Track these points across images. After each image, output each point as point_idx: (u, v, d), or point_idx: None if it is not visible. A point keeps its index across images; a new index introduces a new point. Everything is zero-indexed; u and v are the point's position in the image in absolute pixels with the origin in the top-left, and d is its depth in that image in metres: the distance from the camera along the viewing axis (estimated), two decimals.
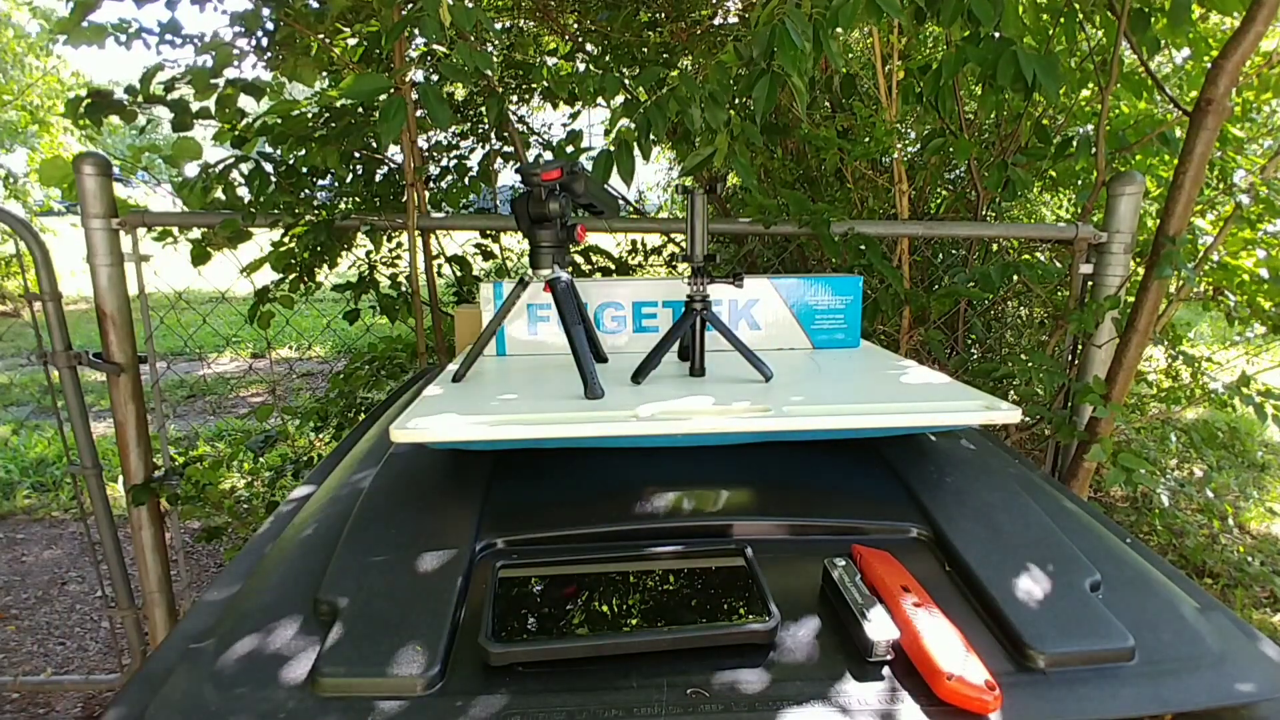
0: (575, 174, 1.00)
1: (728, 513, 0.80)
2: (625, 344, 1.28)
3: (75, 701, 2.11)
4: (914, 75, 2.02)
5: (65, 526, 3.22)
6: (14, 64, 6.84)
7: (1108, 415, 1.66)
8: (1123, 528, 0.87)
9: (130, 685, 0.60)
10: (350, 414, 2.13)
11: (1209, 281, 1.84)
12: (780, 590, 0.67)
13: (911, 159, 2.51)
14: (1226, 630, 0.66)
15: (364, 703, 0.55)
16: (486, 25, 1.47)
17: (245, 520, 2.08)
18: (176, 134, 1.79)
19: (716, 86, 1.53)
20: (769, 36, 1.40)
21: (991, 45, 1.58)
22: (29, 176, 7.12)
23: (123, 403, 1.79)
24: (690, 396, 0.95)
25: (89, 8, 1.63)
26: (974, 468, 0.93)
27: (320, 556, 0.74)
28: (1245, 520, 3.16)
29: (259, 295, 1.92)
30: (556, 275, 1.02)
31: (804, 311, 1.29)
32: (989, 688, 0.54)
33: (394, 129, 1.44)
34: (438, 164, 2.38)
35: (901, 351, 2.14)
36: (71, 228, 1.99)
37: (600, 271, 2.41)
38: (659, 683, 0.57)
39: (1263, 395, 1.67)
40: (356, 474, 0.94)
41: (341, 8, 1.80)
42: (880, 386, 1.01)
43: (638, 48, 2.60)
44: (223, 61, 1.75)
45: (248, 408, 4.77)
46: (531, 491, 0.86)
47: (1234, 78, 1.47)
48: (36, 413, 4.57)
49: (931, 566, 0.73)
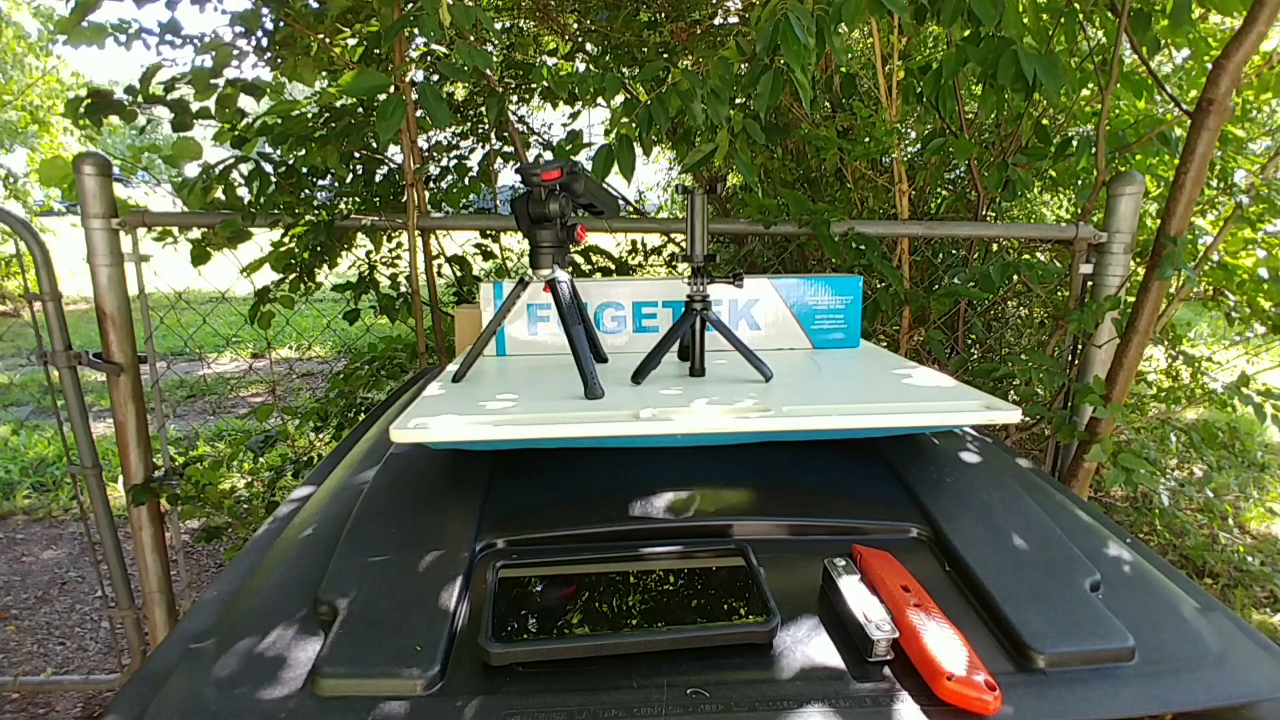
0: (575, 174, 1.00)
1: (727, 513, 0.80)
2: (625, 344, 1.28)
3: (75, 701, 2.11)
4: (914, 75, 2.01)
5: (65, 526, 3.22)
6: (14, 64, 6.84)
7: (1108, 415, 1.66)
8: (1123, 528, 0.87)
9: (130, 685, 0.60)
10: (350, 414, 2.13)
11: (1209, 281, 1.84)
12: (780, 590, 0.67)
13: (911, 159, 2.51)
14: (1226, 630, 0.66)
15: (364, 703, 0.55)
16: (486, 25, 1.47)
17: (245, 520, 2.08)
18: (176, 134, 1.79)
19: (718, 82, 1.53)
20: (772, 31, 1.39)
21: (992, 45, 1.58)
22: (29, 176, 7.12)
23: (123, 403, 1.79)
24: (690, 397, 0.95)
25: (89, 8, 1.63)
26: (974, 468, 0.93)
27: (320, 556, 0.74)
28: (1245, 520, 3.16)
29: (259, 295, 1.92)
30: (556, 275, 1.02)
31: (804, 311, 1.29)
32: (989, 688, 0.54)
33: (392, 127, 1.44)
34: (438, 164, 2.38)
35: (901, 351, 2.14)
36: (71, 228, 1.99)
37: (600, 271, 2.41)
38: (659, 683, 0.57)
39: (1263, 395, 1.67)
40: (356, 474, 0.94)
41: (341, 8, 1.80)
42: (880, 386, 1.01)
43: (638, 48, 2.60)
44: (223, 61, 1.75)
45: (248, 408, 4.76)
46: (531, 491, 0.86)
47: (1235, 78, 1.47)
48: (36, 413, 4.57)
49: (931, 566, 0.73)
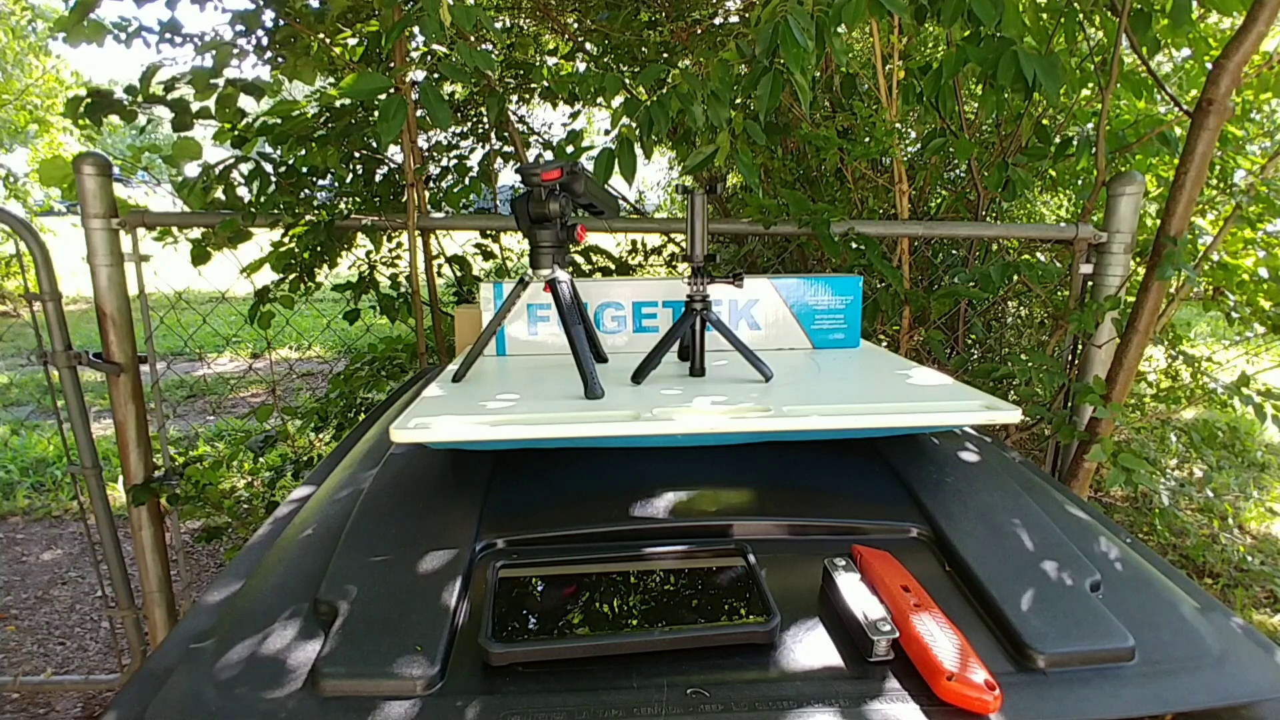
0: (575, 174, 1.00)
1: (728, 513, 0.80)
2: (625, 344, 1.28)
3: (75, 701, 2.11)
4: (914, 75, 2.01)
5: (65, 526, 3.22)
6: (14, 63, 6.84)
7: (1108, 415, 1.66)
8: (1123, 528, 0.87)
9: (130, 685, 0.60)
10: (350, 414, 2.13)
11: (1209, 281, 1.84)
12: (780, 590, 0.67)
13: (911, 159, 2.50)
14: (1226, 630, 0.66)
15: (364, 703, 0.55)
16: (486, 25, 1.47)
17: (245, 520, 2.08)
18: (176, 134, 1.79)
19: (719, 84, 1.53)
20: (772, 34, 1.39)
21: (992, 45, 1.58)
22: (29, 176, 7.11)
23: (123, 403, 1.79)
24: (690, 397, 0.95)
25: (89, 6, 1.63)
26: (974, 468, 0.93)
27: (320, 556, 0.74)
28: (1245, 520, 3.16)
29: (259, 295, 1.92)
30: (556, 275, 1.02)
31: (804, 311, 1.29)
32: (989, 688, 0.54)
33: (394, 129, 1.44)
34: (438, 164, 2.38)
35: (901, 351, 2.14)
36: (71, 228, 1.99)
37: (600, 271, 2.41)
38: (659, 683, 0.57)
39: (1263, 395, 1.67)
40: (356, 474, 0.94)
41: (342, 8, 1.80)
42: (880, 386, 1.01)
43: (638, 47, 2.60)
44: (222, 61, 1.75)
45: (248, 408, 4.76)
46: (531, 491, 0.86)
47: (1235, 78, 1.47)
48: (36, 413, 4.57)
49: (931, 566, 0.73)
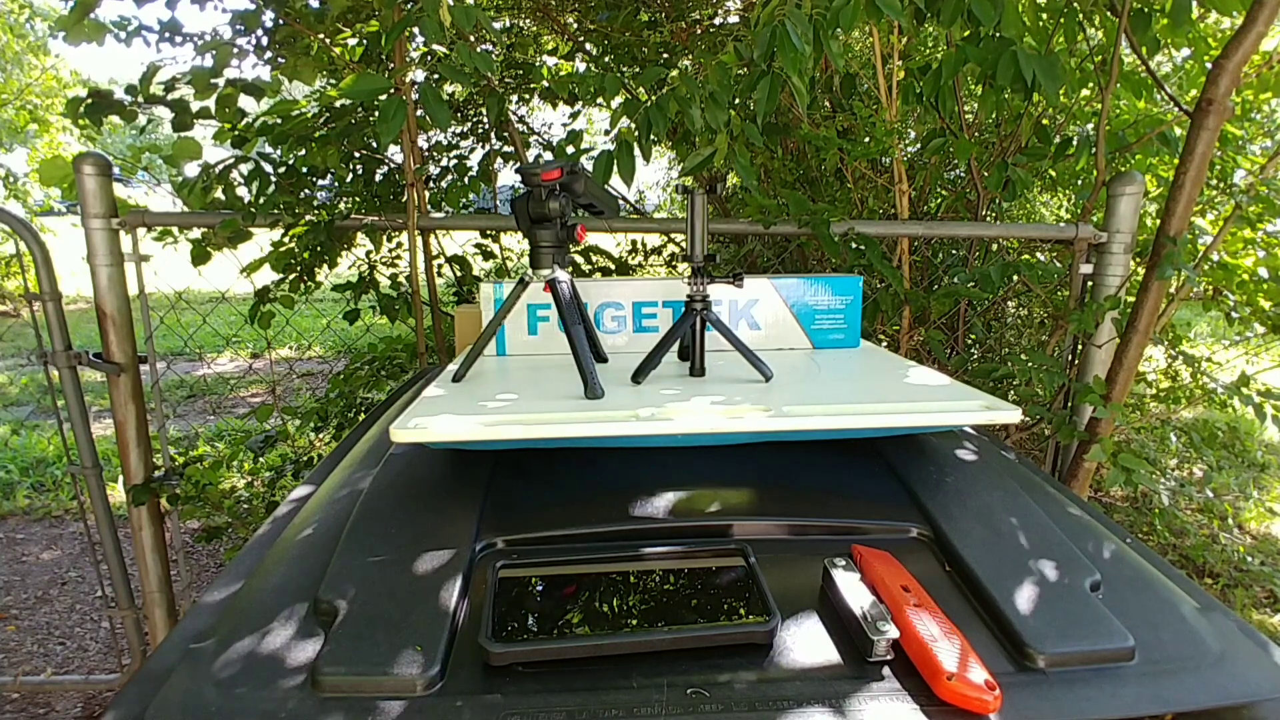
0: (575, 174, 1.00)
1: (728, 513, 0.80)
2: (625, 344, 1.28)
3: (75, 701, 2.11)
4: (914, 75, 2.01)
5: (65, 526, 3.22)
6: (14, 63, 6.84)
7: (1108, 415, 1.66)
8: (1123, 528, 0.87)
9: (130, 685, 0.60)
10: (350, 414, 2.13)
11: (1209, 281, 1.84)
12: (780, 590, 0.67)
13: (911, 159, 2.50)
14: (1226, 630, 0.66)
15: (364, 702, 0.55)
16: (486, 25, 1.47)
17: (245, 520, 2.08)
18: (176, 134, 1.79)
19: (717, 86, 1.53)
20: (769, 38, 1.39)
21: (991, 45, 1.58)
22: (29, 176, 7.11)
23: (123, 403, 1.79)
24: (690, 396, 0.95)
25: (89, 5, 1.63)
26: (974, 468, 0.93)
27: (320, 556, 0.74)
28: (1245, 520, 3.16)
29: (259, 295, 1.92)
30: (556, 275, 1.02)
31: (804, 311, 1.29)
32: (989, 688, 0.54)
33: (394, 129, 1.44)
34: (438, 164, 2.38)
35: (901, 351, 2.14)
36: (72, 228, 1.99)
37: (600, 271, 2.41)
38: (659, 683, 0.57)
39: (1262, 395, 1.67)
40: (356, 474, 0.94)
41: (342, 8, 1.80)
42: (880, 386, 1.01)
43: (638, 48, 2.60)
44: (222, 61, 1.75)
45: (248, 408, 4.76)
46: (531, 491, 0.86)
47: (1235, 77, 1.47)
48: (36, 413, 4.57)
49: (931, 566, 0.73)
